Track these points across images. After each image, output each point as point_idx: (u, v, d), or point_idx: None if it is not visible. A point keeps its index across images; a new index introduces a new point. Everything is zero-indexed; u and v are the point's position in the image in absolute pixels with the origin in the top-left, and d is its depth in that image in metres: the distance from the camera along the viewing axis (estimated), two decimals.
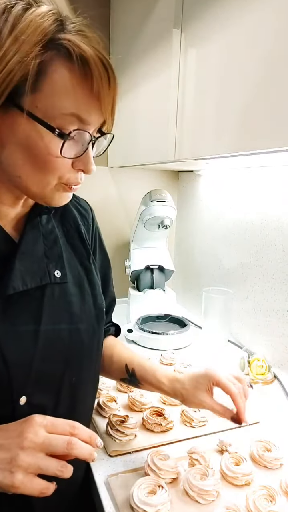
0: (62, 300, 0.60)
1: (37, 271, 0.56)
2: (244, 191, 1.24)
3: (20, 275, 0.54)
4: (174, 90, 0.94)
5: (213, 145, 0.82)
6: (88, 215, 0.72)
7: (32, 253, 0.57)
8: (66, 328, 0.59)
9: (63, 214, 0.66)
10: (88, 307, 0.64)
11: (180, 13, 0.90)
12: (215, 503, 0.62)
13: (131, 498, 0.60)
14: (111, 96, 0.50)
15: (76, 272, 0.64)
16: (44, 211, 0.61)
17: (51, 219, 0.62)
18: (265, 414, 0.88)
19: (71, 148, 0.49)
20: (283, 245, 1.08)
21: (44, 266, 0.58)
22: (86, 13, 0.51)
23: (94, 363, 0.67)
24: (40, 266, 0.57)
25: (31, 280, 0.55)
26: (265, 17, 0.65)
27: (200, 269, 1.52)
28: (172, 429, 0.80)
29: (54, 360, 0.57)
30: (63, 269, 0.60)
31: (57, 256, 0.60)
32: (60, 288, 0.59)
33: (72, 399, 0.61)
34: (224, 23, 0.75)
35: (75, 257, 0.65)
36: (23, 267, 0.55)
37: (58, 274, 0.59)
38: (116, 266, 1.52)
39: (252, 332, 1.22)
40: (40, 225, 0.60)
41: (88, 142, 0.50)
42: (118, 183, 1.58)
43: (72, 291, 0.62)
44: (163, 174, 1.64)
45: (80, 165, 0.51)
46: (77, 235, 0.67)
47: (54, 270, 0.59)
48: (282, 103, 0.62)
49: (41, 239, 0.59)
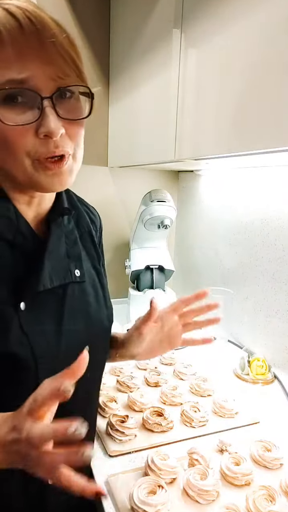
0: (81, 299, 0.61)
1: (61, 270, 0.58)
2: (244, 191, 1.24)
3: (48, 273, 0.55)
4: (174, 90, 0.94)
5: (213, 145, 0.82)
6: (97, 221, 0.74)
7: (57, 252, 0.58)
8: (84, 326, 0.60)
9: (78, 217, 0.67)
10: (101, 308, 0.66)
11: (180, 13, 0.90)
12: (215, 503, 0.62)
13: (131, 498, 0.60)
14: (38, 44, 0.44)
15: (90, 274, 0.65)
16: (66, 212, 0.61)
17: (71, 220, 0.64)
18: (265, 414, 0.87)
19: (18, 114, 0.46)
20: (283, 245, 1.08)
21: (66, 265, 0.59)
22: (86, 13, 0.51)
23: (103, 362, 0.69)
24: (63, 265, 0.59)
25: (56, 278, 0.57)
26: (265, 17, 0.65)
27: (200, 269, 1.52)
28: (172, 429, 0.80)
29: (74, 356, 0.58)
30: (81, 269, 0.62)
31: (77, 256, 0.62)
32: (79, 287, 0.61)
33: (85, 394, 0.62)
34: (224, 23, 0.75)
35: (88, 259, 0.67)
36: (50, 265, 0.56)
37: (77, 273, 0.61)
38: (116, 266, 1.52)
39: (252, 332, 1.22)
40: (63, 225, 0.61)
41: (40, 102, 0.46)
42: (118, 183, 1.58)
43: (89, 291, 0.63)
44: (163, 174, 1.63)
45: (42, 130, 0.46)
46: (89, 238, 0.68)
47: (74, 269, 0.60)
48: (282, 103, 0.62)
49: (63, 239, 0.61)
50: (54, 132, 0.46)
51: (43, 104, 0.46)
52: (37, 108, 0.46)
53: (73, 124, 0.49)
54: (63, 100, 0.48)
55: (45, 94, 0.46)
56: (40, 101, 0.46)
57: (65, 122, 0.48)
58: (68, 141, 0.50)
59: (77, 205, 0.68)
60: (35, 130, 0.47)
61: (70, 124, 0.49)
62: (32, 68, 0.45)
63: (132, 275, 1.44)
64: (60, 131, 0.47)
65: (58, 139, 0.47)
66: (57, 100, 0.47)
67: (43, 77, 0.46)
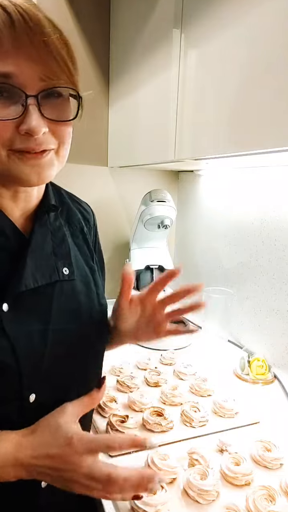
0: (71, 298, 0.60)
1: (46, 268, 0.57)
2: (244, 191, 1.24)
3: (31, 272, 0.54)
4: (174, 90, 0.94)
5: (213, 145, 0.82)
6: (90, 217, 0.72)
7: (42, 250, 0.57)
8: (74, 326, 0.59)
9: (69, 215, 0.66)
10: (94, 306, 0.64)
11: (180, 13, 0.90)
12: (215, 503, 0.62)
13: None
14: (29, 42, 0.44)
15: (82, 271, 0.64)
16: (52, 208, 0.60)
17: (58, 217, 0.62)
18: (265, 414, 0.87)
19: (2, 108, 0.45)
20: (283, 245, 1.08)
21: (52, 263, 0.58)
22: (86, 13, 0.51)
23: (98, 361, 0.67)
24: (49, 264, 0.57)
25: (41, 277, 0.55)
26: (265, 17, 0.65)
27: (200, 269, 1.52)
28: (172, 429, 0.80)
29: (63, 357, 0.57)
30: (70, 267, 0.60)
31: (65, 254, 0.60)
32: (68, 285, 0.59)
33: (78, 397, 0.61)
34: (224, 23, 0.75)
35: (80, 256, 0.65)
36: (34, 264, 0.55)
37: (66, 271, 0.59)
38: (116, 266, 1.52)
39: (252, 332, 1.22)
40: (48, 222, 0.60)
41: (24, 100, 0.46)
42: (118, 183, 1.58)
43: (80, 289, 0.62)
44: (163, 174, 1.64)
45: (24, 127, 0.46)
46: (81, 236, 0.67)
47: (62, 268, 0.59)
48: (282, 103, 0.62)
49: (49, 237, 0.59)
50: (35, 130, 0.46)
51: (27, 102, 0.46)
52: (21, 105, 0.46)
53: (59, 123, 0.49)
54: (50, 99, 0.48)
55: (30, 92, 0.46)
56: (24, 98, 0.45)
57: (49, 122, 0.48)
58: (51, 139, 0.49)
59: (67, 201, 0.67)
60: (16, 126, 0.46)
61: (55, 124, 0.49)
62: (19, 65, 0.44)
63: None
64: (42, 130, 0.47)
65: (40, 136, 0.47)
66: (44, 99, 0.47)
67: (31, 75, 0.45)
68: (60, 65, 0.47)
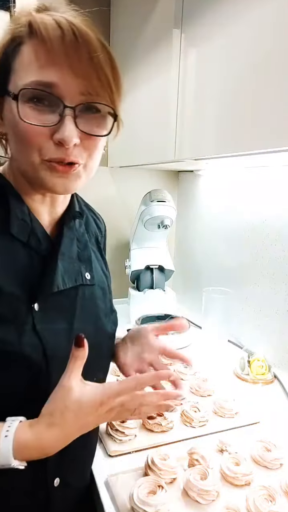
0: (90, 302, 0.62)
1: (72, 272, 0.59)
2: (244, 191, 1.24)
3: (61, 275, 0.56)
4: (174, 90, 0.94)
5: (213, 145, 0.82)
6: (102, 227, 0.76)
7: (69, 254, 0.60)
8: (92, 328, 0.61)
9: (87, 223, 0.69)
10: (108, 311, 0.67)
11: (180, 13, 0.90)
12: (215, 503, 0.62)
13: (131, 498, 0.60)
14: (76, 57, 0.46)
15: (100, 277, 0.67)
16: (77, 215, 0.63)
17: (82, 224, 0.65)
18: (265, 414, 0.87)
19: (38, 114, 0.48)
20: (283, 245, 1.08)
21: (77, 268, 0.61)
22: (86, 13, 0.51)
23: (108, 363, 0.70)
24: (74, 267, 0.60)
25: (68, 280, 0.58)
26: (265, 17, 0.65)
27: (200, 269, 1.52)
28: (172, 429, 0.80)
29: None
30: (91, 272, 0.63)
31: (87, 259, 0.63)
32: (89, 290, 0.62)
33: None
34: (224, 23, 0.75)
35: (97, 263, 0.68)
36: (63, 267, 0.57)
37: (88, 276, 0.62)
38: (116, 266, 1.52)
39: (252, 332, 1.22)
40: (75, 228, 0.63)
41: (62, 110, 0.48)
42: (118, 183, 1.58)
43: (98, 294, 0.65)
44: (163, 174, 1.64)
45: (57, 136, 0.48)
46: (96, 244, 0.71)
47: (85, 272, 0.62)
48: (282, 103, 0.62)
49: (75, 242, 0.62)
50: (67, 140, 0.48)
51: (64, 112, 0.48)
52: (58, 114, 0.48)
53: (91, 138, 0.51)
54: (87, 113, 0.50)
55: (69, 103, 0.48)
56: (62, 108, 0.48)
57: (83, 134, 0.50)
58: (82, 152, 0.51)
59: (85, 210, 0.69)
60: (51, 134, 0.48)
61: (87, 137, 0.51)
62: (63, 77, 0.47)
63: (132, 275, 1.44)
64: (73, 141, 0.48)
65: (71, 147, 0.49)
66: (81, 112, 0.49)
67: (72, 88, 0.47)
68: (102, 83, 0.49)
